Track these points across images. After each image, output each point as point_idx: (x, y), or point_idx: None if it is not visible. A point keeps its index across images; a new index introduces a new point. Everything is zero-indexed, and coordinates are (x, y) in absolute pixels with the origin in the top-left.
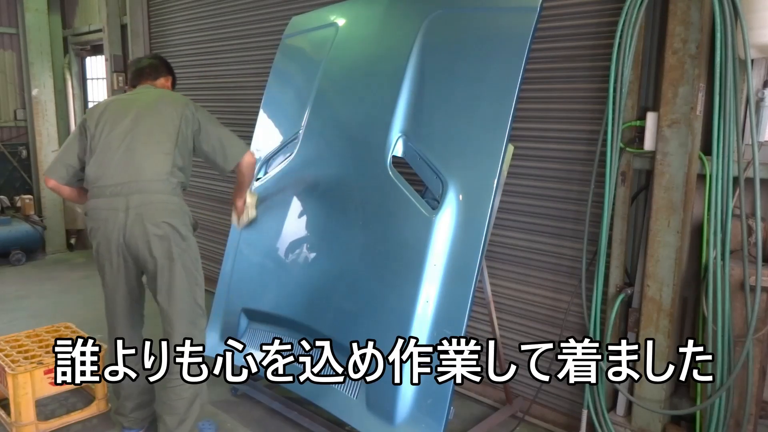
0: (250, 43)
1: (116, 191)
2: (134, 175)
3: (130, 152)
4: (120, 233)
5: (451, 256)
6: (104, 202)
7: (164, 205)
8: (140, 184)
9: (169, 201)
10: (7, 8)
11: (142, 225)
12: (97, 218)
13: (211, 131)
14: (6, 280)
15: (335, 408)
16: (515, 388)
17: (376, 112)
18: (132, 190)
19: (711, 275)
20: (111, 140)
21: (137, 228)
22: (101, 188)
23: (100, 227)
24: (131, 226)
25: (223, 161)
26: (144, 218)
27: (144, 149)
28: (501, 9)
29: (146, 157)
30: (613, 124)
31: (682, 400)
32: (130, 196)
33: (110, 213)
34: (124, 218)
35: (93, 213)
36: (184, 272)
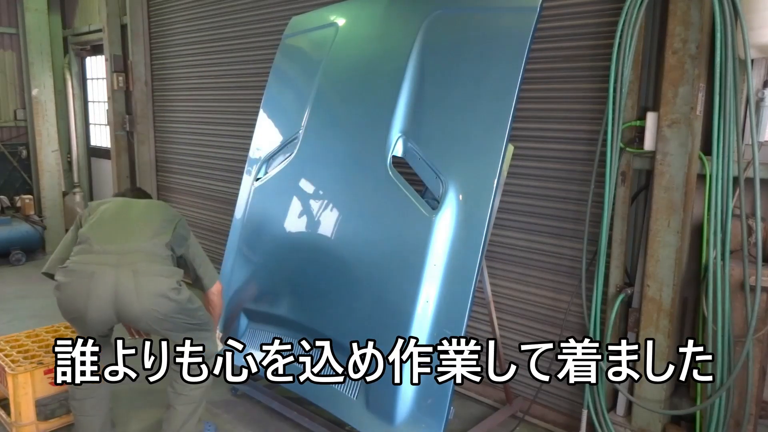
0: (250, 43)
1: (109, 249)
2: (129, 244)
3: (129, 228)
4: (110, 290)
5: (451, 256)
6: (94, 257)
7: (160, 267)
8: (137, 246)
9: (167, 264)
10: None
11: (137, 282)
12: (79, 272)
13: (194, 251)
14: (6, 280)
15: (335, 408)
16: (515, 388)
17: (376, 112)
18: (128, 250)
19: (711, 275)
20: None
21: (131, 285)
22: (91, 244)
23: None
24: (125, 283)
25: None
26: (139, 276)
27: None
28: (501, 9)
29: (145, 233)
30: (613, 124)
31: (682, 400)
32: (125, 255)
33: (98, 268)
34: (115, 274)
35: (75, 266)
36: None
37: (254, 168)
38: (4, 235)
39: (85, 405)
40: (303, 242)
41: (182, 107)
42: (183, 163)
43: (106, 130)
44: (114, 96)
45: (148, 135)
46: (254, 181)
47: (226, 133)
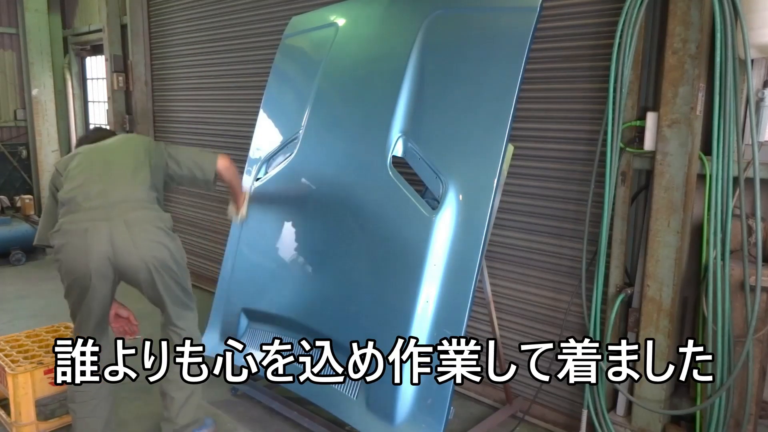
0: (250, 43)
1: (96, 204)
2: (113, 194)
3: (106, 176)
4: (106, 243)
5: (451, 256)
6: (83, 215)
7: (149, 213)
8: (122, 195)
9: (154, 209)
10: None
11: (131, 232)
12: (73, 232)
13: (182, 156)
14: (6, 280)
15: (335, 408)
16: (515, 388)
17: (376, 112)
18: (114, 201)
19: (711, 275)
20: (85, 171)
21: (126, 236)
22: (78, 203)
23: (76, 242)
24: (119, 235)
25: (202, 174)
26: (131, 225)
27: (121, 173)
28: (501, 9)
29: (124, 178)
30: (613, 124)
31: (682, 400)
32: (113, 207)
33: (91, 224)
34: (109, 228)
35: (67, 227)
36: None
37: (254, 168)
38: (4, 235)
39: (86, 407)
40: (303, 242)
41: (182, 107)
42: None
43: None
44: (114, 96)
45: (148, 135)
46: (254, 181)
47: (226, 133)
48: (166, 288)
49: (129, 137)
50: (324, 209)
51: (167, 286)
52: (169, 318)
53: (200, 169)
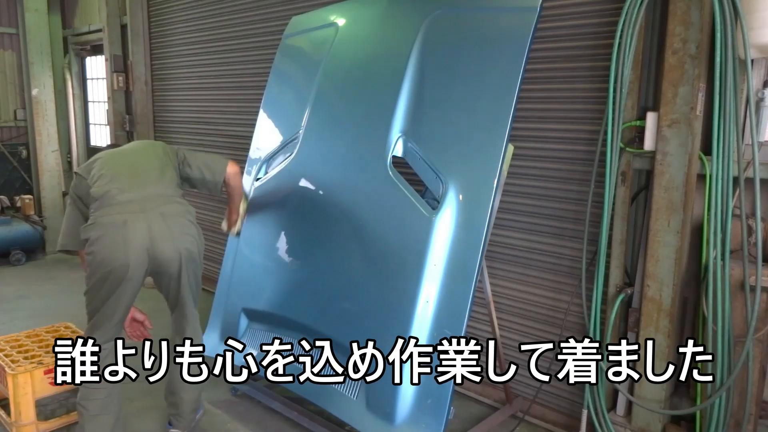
0: (250, 43)
1: (131, 198)
2: (145, 189)
3: (135, 175)
4: (145, 234)
5: (451, 256)
6: (120, 208)
7: (180, 207)
8: (153, 190)
9: (183, 202)
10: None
11: (167, 224)
12: (111, 224)
13: (193, 158)
14: (6, 280)
15: (335, 408)
16: (515, 388)
17: (376, 112)
18: (148, 195)
19: (711, 275)
20: (112, 170)
21: (163, 227)
22: (113, 196)
23: (115, 233)
24: (157, 226)
25: (212, 176)
26: (167, 217)
27: (148, 172)
28: (501, 9)
29: (152, 176)
30: (613, 124)
31: (682, 400)
32: (147, 201)
33: (130, 216)
34: (147, 219)
35: (104, 219)
36: (200, 266)
37: (254, 168)
38: (4, 235)
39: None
40: (303, 242)
41: (182, 107)
42: None
43: (106, 130)
44: (114, 96)
45: (148, 135)
46: (254, 181)
47: (226, 133)
48: (188, 281)
49: (145, 142)
50: (324, 209)
51: (189, 280)
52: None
53: (210, 171)
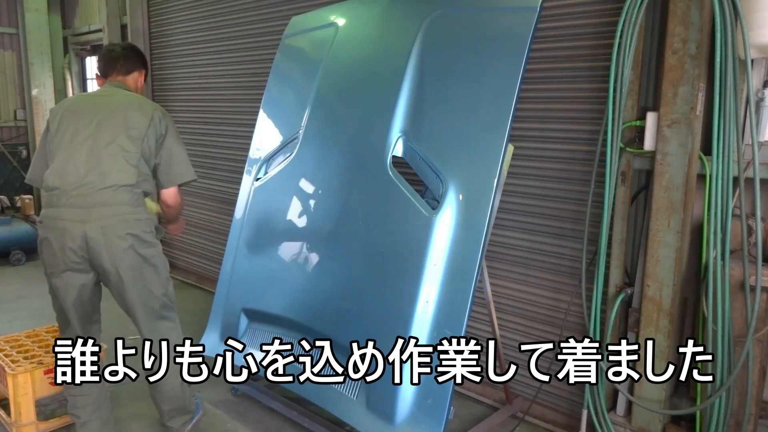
0: (250, 43)
1: (77, 202)
2: (97, 184)
3: (93, 160)
4: (81, 244)
5: (451, 256)
6: (63, 212)
7: (127, 217)
8: (104, 195)
9: (133, 212)
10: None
11: (105, 238)
12: (53, 227)
13: (169, 145)
14: (6, 280)
15: (335, 408)
16: (515, 388)
17: (376, 112)
18: (94, 203)
19: (711, 275)
20: (72, 145)
21: (100, 241)
22: (59, 196)
23: (54, 239)
24: (94, 239)
25: (165, 177)
26: (106, 232)
27: (108, 157)
28: (501, 9)
29: (111, 165)
30: (613, 124)
31: (682, 400)
32: (92, 209)
33: (69, 224)
34: (83, 230)
35: (49, 222)
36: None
37: (254, 168)
38: (4, 235)
39: (88, 411)
40: (303, 242)
41: (182, 107)
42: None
43: None
44: None
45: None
46: (254, 181)
47: (226, 133)
48: (138, 297)
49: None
50: (324, 209)
51: (140, 296)
52: (140, 331)
53: (167, 170)
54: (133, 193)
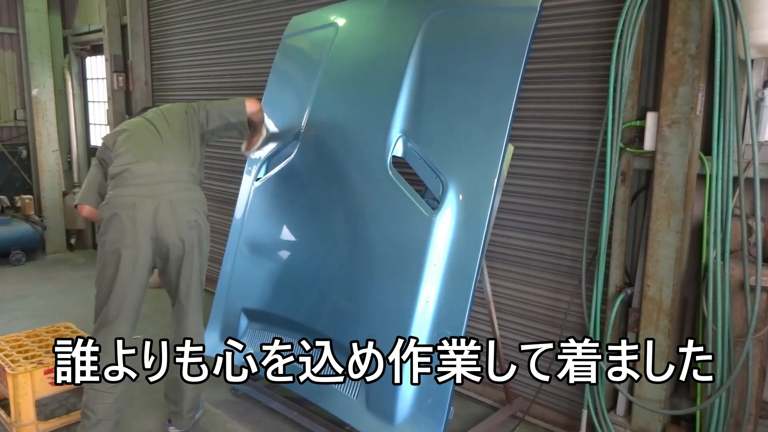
0: (250, 43)
1: (144, 181)
2: (160, 174)
3: (155, 154)
4: (150, 218)
5: (451, 256)
6: (132, 190)
7: (191, 194)
8: (168, 175)
9: (195, 190)
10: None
11: (174, 211)
12: (122, 204)
13: (215, 110)
14: (6, 280)
15: (335, 408)
16: (515, 388)
17: (376, 112)
18: (161, 180)
19: (711, 275)
20: (134, 147)
21: (168, 214)
22: (126, 178)
23: (125, 214)
24: (163, 212)
25: (236, 118)
26: (174, 205)
27: (168, 152)
28: (501, 9)
29: (171, 157)
30: (613, 124)
31: (682, 400)
32: (159, 186)
33: (139, 199)
34: (155, 204)
35: (117, 200)
36: (203, 259)
37: (254, 168)
38: (4, 235)
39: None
40: (303, 242)
41: None
42: None
43: (106, 130)
44: (114, 96)
45: None
46: (254, 181)
47: None
48: (191, 272)
49: (171, 110)
50: (324, 209)
51: (192, 271)
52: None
53: (233, 114)
54: (192, 175)
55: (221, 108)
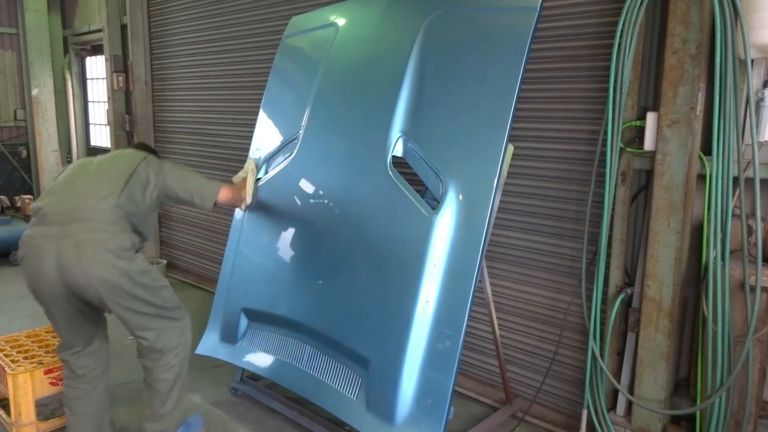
0: (250, 43)
1: (55, 220)
2: (73, 213)
3: (77, 192)
4: (54, 262)
5: (451, 256)
6: (40, 230)
7: (105, 235)
8: (82, 213)
9: (109, 230)
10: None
11: (80, 254)
12: (28, 246)
13: (187, 181)
14: (6, 280)
15: (335, 408)
16: (515, 388)
17: (376, 112)
18: (72, 219)
19: (711, 275)
20: (62, 186)
21: (73, 257)
22: (39, 218)
23: (30, 256)
24: (67, 255)
25: (201, 201)
26: (81, 247)
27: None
28: (501, 9)
29: (92, 194)
30: (613, 124)
31: (682, 400)
32: (68, 225)
33: (44, 241)
34: (58, 247)
35: (25, 240)
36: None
37: None
38: (4, 235)
39: (77, 404)
40: (303, 242)
41: (182, 107)
42: (183, 163)
43: (106, 130)
44: (114, 96)
45: (148, 135)
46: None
47: (226, 133)
48: (123, 309)
49: (125, 152)
50: (323, 209)
51: (125, 308)
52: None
53: (201, 197)
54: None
55: (193, 181)
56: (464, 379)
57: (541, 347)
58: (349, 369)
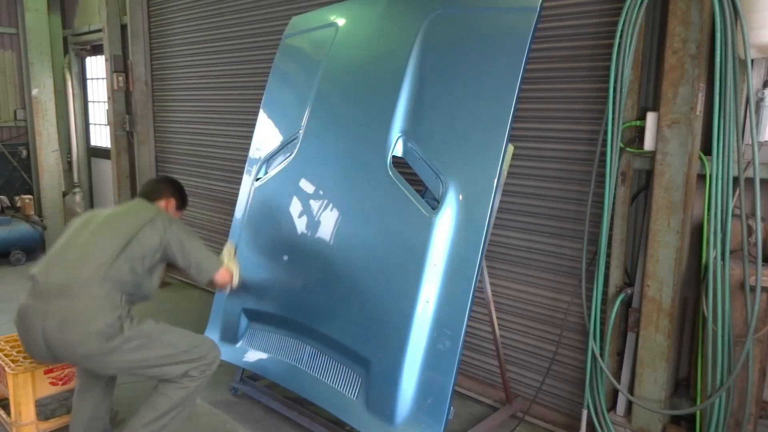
0: (250, 43)
1: (43, 292)
2: (63, 279)
3: (68, 253)
4: (40, 339)
5: (451, 256)
6: (29, 304)
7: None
8: (68, 289)
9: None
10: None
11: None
12: (20, 317)
13: (191, 251)
14: (6, 280)
15: (335, 408)
16: (515, 388)
17: (376, 112)
18: (59, 294)
19: (711, 275)
20: (57, 246)
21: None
22: (31, 287)
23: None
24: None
25: (198, 274)
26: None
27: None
28: (501, 9)
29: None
30: (613, 124)
31: (682, 400)
32: (54, 300)
33: (32, 316)
34: (42, 325)
35: (19, 310)
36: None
37: (254, 168)
38: (4, 235)
39: (76, 397)
40: (303, 242)
41: (182, 107)
42: (183, 163)
43: (106, 130)
44: (114, 96)
45: (148, 135)
46: (254, 181)
47: (226, 133)
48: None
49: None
50: (323, 209)
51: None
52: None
53: (198, 269)
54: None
55: (193, 254)
56: (464, 379)
57: (541, 347)
58: (349, 369)
